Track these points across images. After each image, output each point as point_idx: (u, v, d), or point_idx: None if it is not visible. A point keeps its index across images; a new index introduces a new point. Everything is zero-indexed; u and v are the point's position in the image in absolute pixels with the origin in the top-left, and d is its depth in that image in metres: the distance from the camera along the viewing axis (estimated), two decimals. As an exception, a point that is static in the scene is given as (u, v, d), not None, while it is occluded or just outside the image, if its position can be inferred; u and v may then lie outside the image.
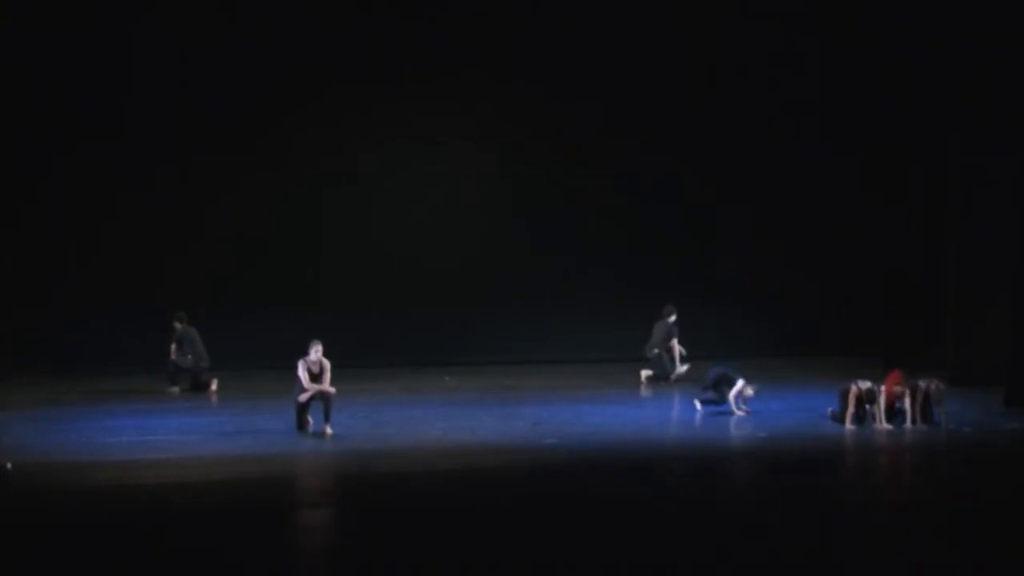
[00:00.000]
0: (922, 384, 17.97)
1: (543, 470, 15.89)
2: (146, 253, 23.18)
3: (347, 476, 15.79)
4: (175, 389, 21.02)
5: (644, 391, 21.62)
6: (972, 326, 21.01)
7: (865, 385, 18.04)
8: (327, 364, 17.67)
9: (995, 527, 13.03)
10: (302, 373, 17.55)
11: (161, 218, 23.18)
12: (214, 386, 21.05)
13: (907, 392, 17.96)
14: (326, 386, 17.54)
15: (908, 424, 17.94)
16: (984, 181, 21.00)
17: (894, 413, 18.02)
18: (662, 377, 21.93)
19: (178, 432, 17.92)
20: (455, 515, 13.61)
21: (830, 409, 18.41)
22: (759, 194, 24.66)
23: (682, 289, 23.95)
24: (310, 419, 17.67)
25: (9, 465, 15.34)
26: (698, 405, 19.26)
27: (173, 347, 21.09)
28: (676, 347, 22.17)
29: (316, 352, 17.68)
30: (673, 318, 22.22)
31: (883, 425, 17.92)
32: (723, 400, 19.08)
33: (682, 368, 22.07)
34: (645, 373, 22.03)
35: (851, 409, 17.96)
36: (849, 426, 17.95)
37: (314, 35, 23.19)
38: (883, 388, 17.99)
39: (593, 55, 23.84)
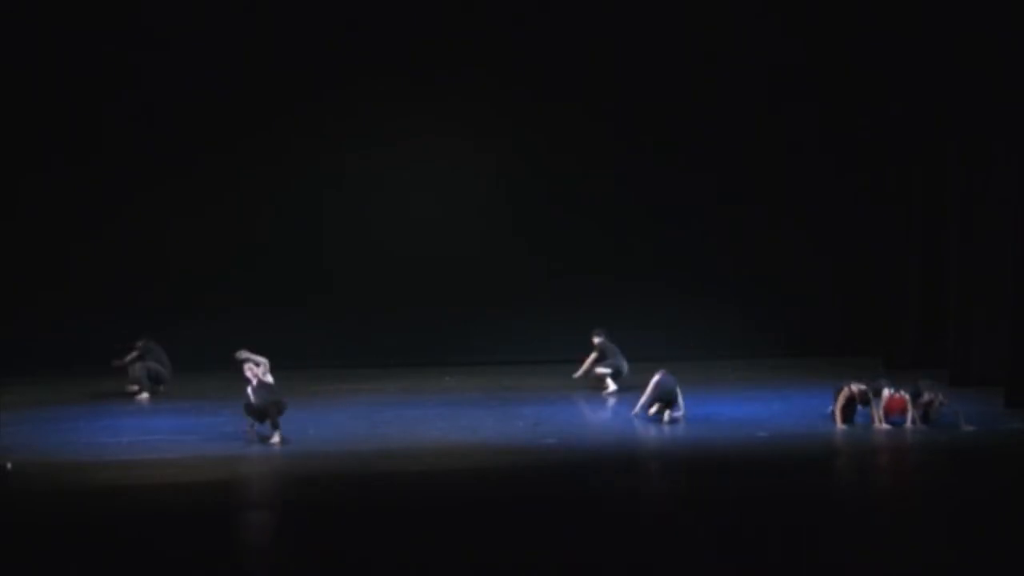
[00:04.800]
0: (926, 396, 17.95)
1: (543, 470, 15.90)
2: (146, 253, 23.18)
3: (347, 476, 15.78)
4: (161, 388, 21.01)
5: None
6: (972, 326, 21.00)
7: (859, 387, 18.06)
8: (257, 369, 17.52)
9: (995, 527, 13.03)
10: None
11: (161, 218, 23.16)
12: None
13: (908, 404, 17.99)
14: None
15: (908, 424, 17.95)
16: (984, 181, 20.99)
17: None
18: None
19: (178, 432, 17.92)
20: (455, 515, 13.62)
21: (830, 408, 18.45)
22: (759, 194, 24.64)
23: (683, 289, 23.99)
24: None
25: (9, 465, 15.34)
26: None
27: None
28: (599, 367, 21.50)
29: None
30: (598, 339, 21.53)
31: (882, 425, 17.94)
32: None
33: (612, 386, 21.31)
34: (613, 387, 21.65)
35: (839, 408, 18.01)
36: (840, 425, 17.98)
37: (313, 35, 23.16)
38: (883, 399, 18.03)
39: (593, 55, 23.80)
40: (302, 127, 23.49)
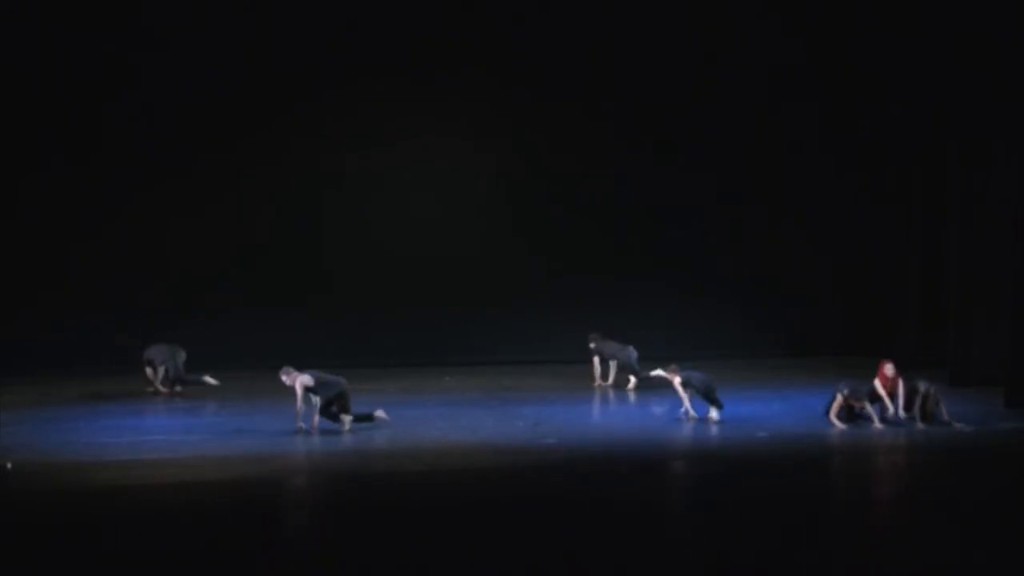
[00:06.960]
0: (922, 388, 18.01)
1: (543, 470, 15.90)
2: (146, 253, 23.18)
3: (347, 476, 15.79)
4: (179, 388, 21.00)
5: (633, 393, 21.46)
6: (972, 326, 21.00)
7: (852, 396, 18.05)
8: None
9: (995, 527, 13.03)
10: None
11: (161, 218, 23.16)
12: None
13: (901, 385, 18.02)
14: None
15: (900, 413, 17.97)
16: (984, 181, 21.00)
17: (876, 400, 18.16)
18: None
19: (178, 432, 17.92)
20: (455, 515, 13.62)
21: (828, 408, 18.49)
22: (759, 194, 24.66)
23: (683, 289, 23.99)
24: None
25: (9, 465, 15.34)
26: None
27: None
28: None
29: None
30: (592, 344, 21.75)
31: (880, 425, 17.96)
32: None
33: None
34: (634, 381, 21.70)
35: (836, 410, 18.01)
36: (840, 426, 17.97)
37: (313, 35, 23.16)
38: (876, 381, 18.09)
39: (593, 55, 23.82)
40: (302, 127, 23.49)
